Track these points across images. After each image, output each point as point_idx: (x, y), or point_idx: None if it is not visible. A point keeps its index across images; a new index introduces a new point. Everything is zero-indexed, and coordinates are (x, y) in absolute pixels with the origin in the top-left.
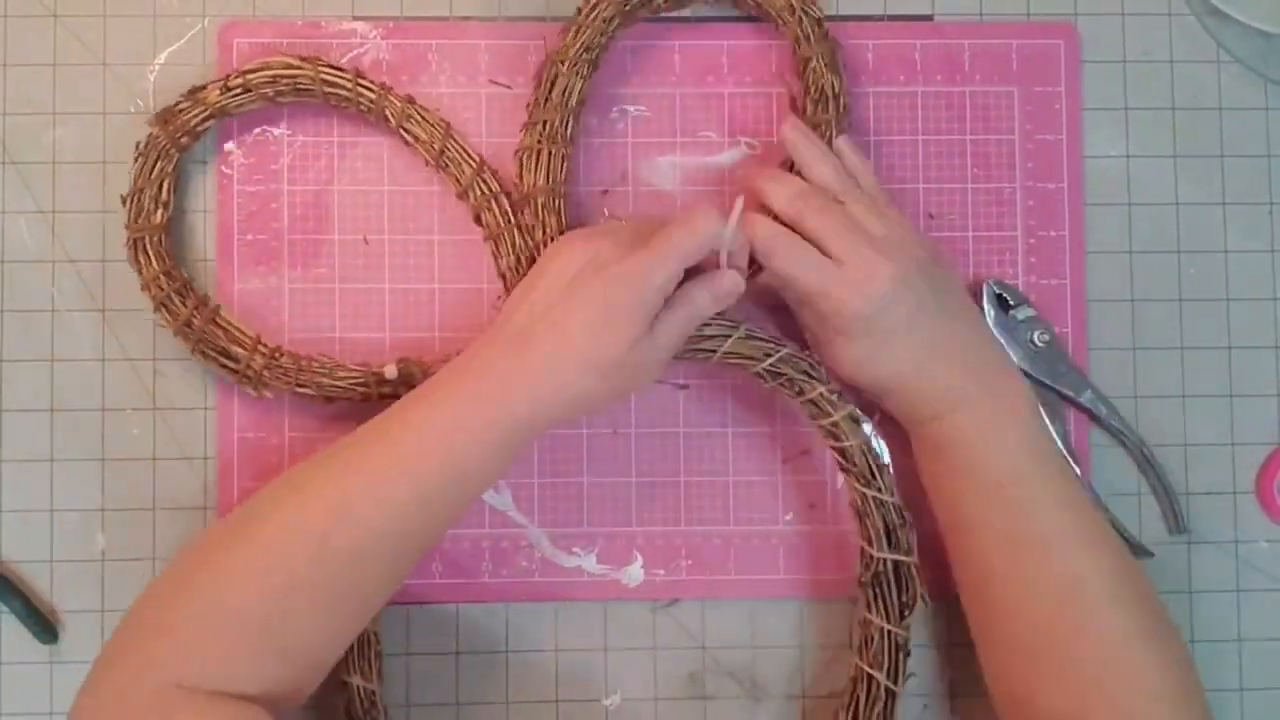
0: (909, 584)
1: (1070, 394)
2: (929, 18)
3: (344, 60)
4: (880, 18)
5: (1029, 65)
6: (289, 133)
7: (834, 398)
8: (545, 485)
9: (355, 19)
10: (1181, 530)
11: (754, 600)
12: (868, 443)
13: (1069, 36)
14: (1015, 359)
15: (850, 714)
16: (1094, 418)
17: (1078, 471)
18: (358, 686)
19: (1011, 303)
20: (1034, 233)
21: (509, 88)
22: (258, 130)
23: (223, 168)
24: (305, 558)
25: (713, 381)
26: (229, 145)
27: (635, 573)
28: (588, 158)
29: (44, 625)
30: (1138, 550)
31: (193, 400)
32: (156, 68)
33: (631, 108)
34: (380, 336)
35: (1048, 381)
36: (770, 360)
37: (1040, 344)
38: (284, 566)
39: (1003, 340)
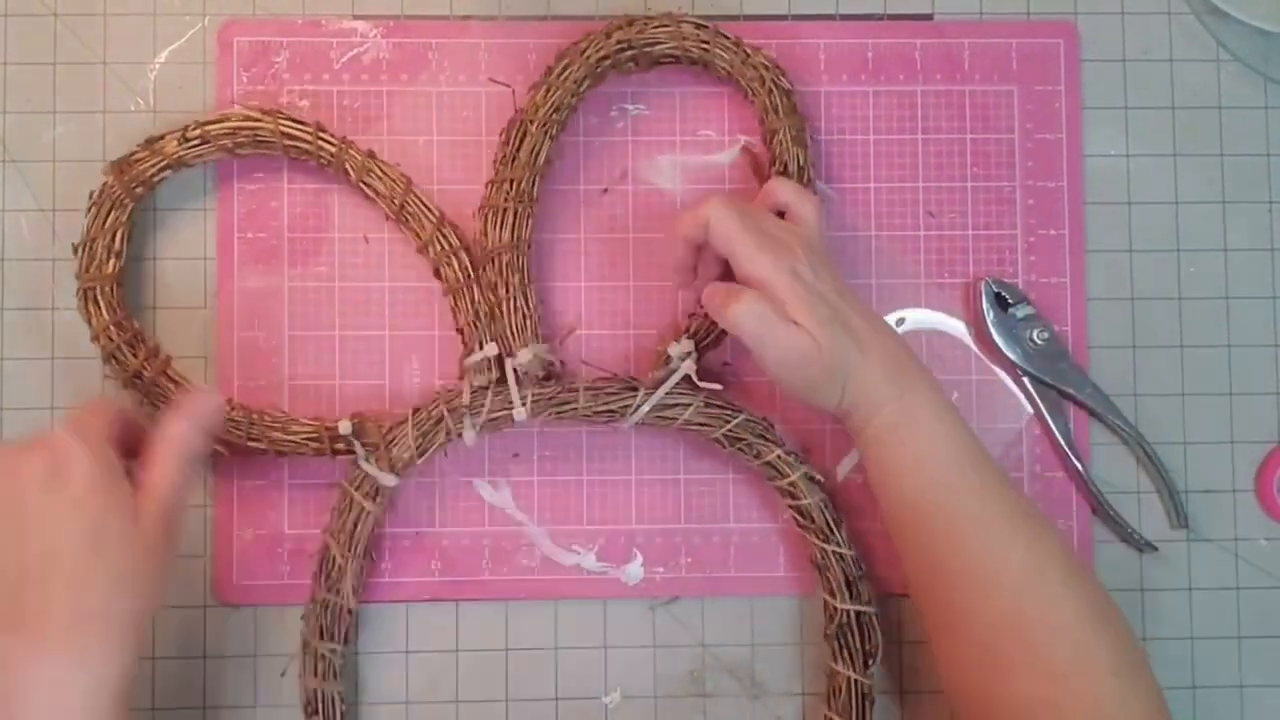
0: (870, 633)
1: (1071, 391)
2: (929, 17)
3: (344, 59)
4: (880, 17)
5: (1029, 64)
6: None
7: (790, 459)
8: (545, 483)
9: (355, 17)
10: (1183, 525)
11: (753, 598)
12: (825, 501)
13: (1069, 35)
14: (1015, 357)
15: None
16: (1094, 414)
17: (1080, 467)
18: (316, 690)
19: (1010, 301)
20: (1034, 231)
21: (509, 87)
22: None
23: (223, 167)
24: None
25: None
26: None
27: (635, 570)
28: (587, 156)
29: None
30: (1142, 546)
31: None
32: (157, 66)
33: (631, 106)
34: (380, 335)
35: (1048, 379)
36: (728, 426)
37: (1040, 342)
38: None
39: (1001, 339)
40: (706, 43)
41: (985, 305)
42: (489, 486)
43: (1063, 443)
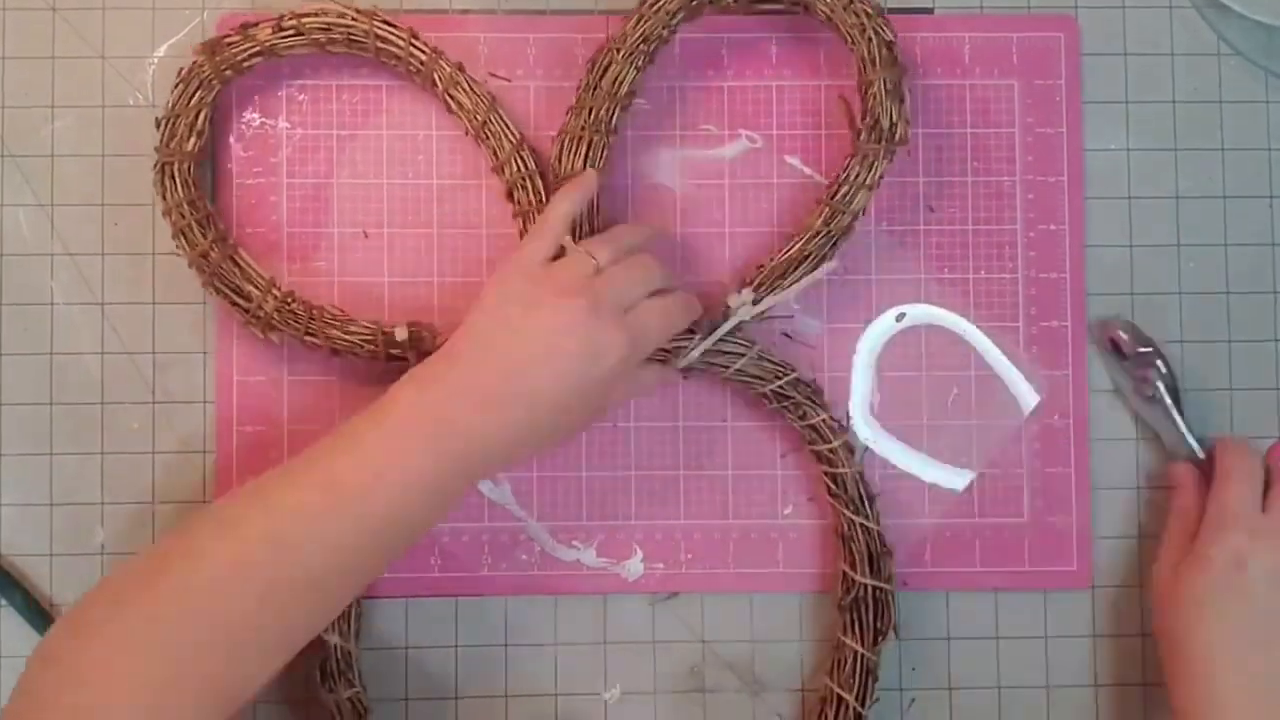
0: (885, 611)
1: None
2: (929, 10)
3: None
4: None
5: (1029, 58)
6: (289, 126)
7: (834, 424)
8: (545, 479)
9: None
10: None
11: (753, 594)
12: (860, 472)
13: (1069, 29)
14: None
15: None
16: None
17: None
18: (335, 645)
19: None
20: (1034, 226)
21: (508, 80)
22: (257, 124)
23: (223, 161)
24: (268, 573)
25: (712, 375)
26: (229, 140)
27: (635, 566)
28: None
29: (43, 619)
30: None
31: (192, 394)
32: (155, 60)
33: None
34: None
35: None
36: (780, 382)
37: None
38: (222, 607)
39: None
40: None
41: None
42: (489, 482)
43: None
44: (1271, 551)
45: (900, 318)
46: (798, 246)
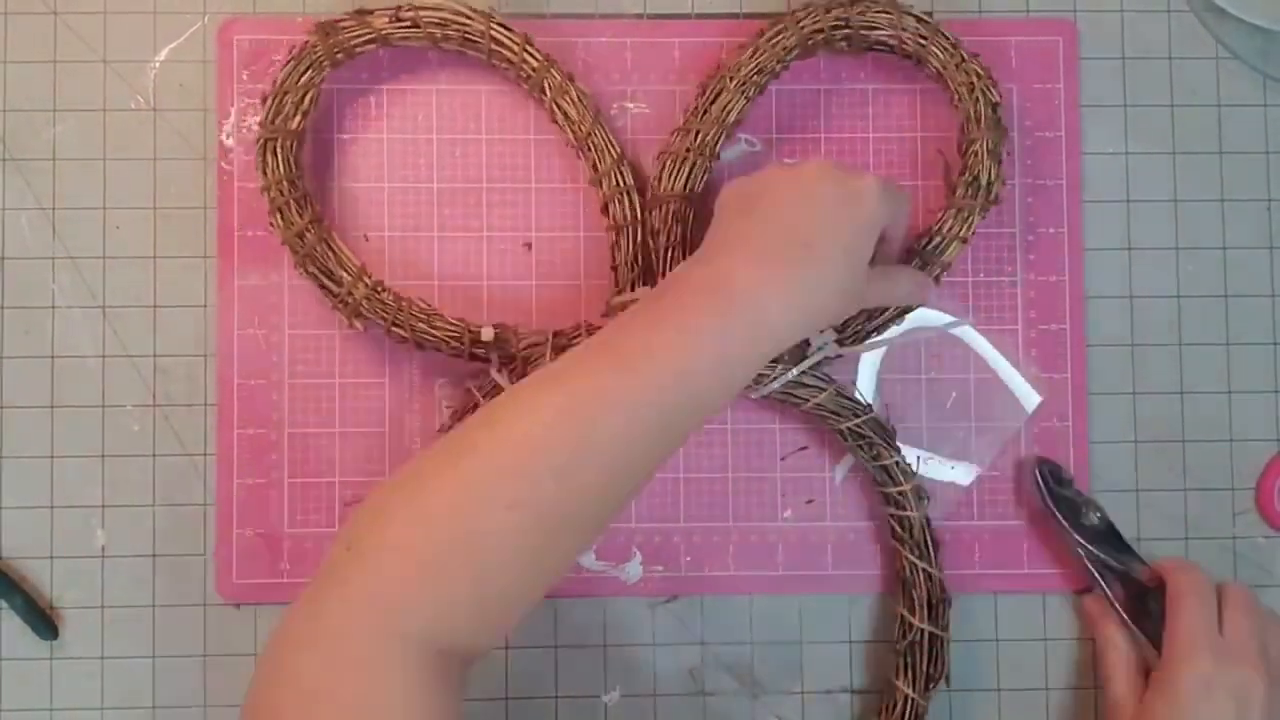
0: (939, 658)
1: (1121, 567)
2: (928, 15)
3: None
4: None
5: (1028, 62)
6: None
7: (907, 467)
8: None
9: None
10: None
11: (753, 596)
12: (928, 519)
13: (1068, 33)
14: (1076, 533)
15: None
16: (1139, 595)
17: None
18: None
19: (1061, 481)
20: (1032, 229)
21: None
22: (257, 124)
23: (222, 164)
24: (570, 448)
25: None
26: (228, 141)
27: (634, 569)
28: None
29: (44, 622)
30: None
31: (193, 397)
32: (157, 65)
33: (631, 105)
34: (380, 334)
35: (1104, 555)
36: (856, 421)
37: (1096, 521)
38: (525, 485)
39: (1062, 514)
40: (925, 38)
41: (1041, 486)
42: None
43: (1116, 607)
44: (1235, 672)
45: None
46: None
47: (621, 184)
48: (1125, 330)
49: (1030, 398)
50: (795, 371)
